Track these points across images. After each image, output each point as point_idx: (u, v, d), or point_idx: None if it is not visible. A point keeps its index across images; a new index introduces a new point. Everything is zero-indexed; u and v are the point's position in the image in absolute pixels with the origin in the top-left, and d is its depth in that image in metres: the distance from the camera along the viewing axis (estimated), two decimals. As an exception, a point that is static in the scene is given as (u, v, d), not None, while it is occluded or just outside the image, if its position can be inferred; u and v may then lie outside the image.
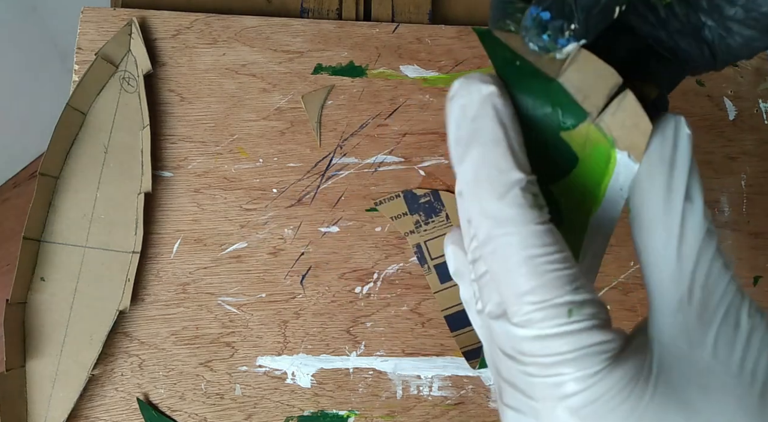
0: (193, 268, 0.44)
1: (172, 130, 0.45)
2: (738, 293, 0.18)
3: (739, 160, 0.48)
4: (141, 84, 0.44)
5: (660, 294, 0.18)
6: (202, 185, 0.45)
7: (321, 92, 0.46)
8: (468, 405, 0.44)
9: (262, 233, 0.44)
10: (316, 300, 0.44)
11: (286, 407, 0.43)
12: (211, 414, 0.42)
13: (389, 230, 0.45)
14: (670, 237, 0.18)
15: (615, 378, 0.16)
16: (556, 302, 0.16)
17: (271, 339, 0.43)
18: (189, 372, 0.43)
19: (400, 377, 0.44)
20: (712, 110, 0.49)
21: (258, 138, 0.45)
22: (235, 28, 0.46)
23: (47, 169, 0.42)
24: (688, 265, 0.18)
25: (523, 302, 0.17)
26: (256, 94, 0.46)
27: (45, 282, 0.42)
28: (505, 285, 0.17)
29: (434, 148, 0.46)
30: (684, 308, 0.17)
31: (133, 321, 0.43)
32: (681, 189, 0.18)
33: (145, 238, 0.43)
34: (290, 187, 0.45)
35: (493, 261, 0.17)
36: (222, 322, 0.43)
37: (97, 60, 0.43)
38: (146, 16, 0.46)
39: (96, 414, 0.42)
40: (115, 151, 0.44)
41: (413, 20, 0.49)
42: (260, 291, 0.44)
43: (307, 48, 0.47)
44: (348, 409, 0.43)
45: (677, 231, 0.18)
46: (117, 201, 0.43)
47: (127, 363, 0.42)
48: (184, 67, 0.46)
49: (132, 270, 0.42)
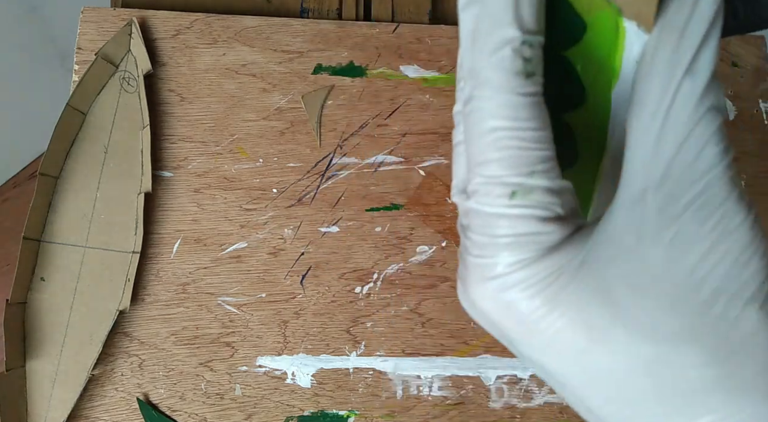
0: (193, 268, 0.44)
1: (172, 130, 0.45)
2: (727, 185, 0.16)
3: (739, 160, 0.48)
4: (141, 84, 0.44)
5: (626, 182, 0.16)
6: (202, 185, 0.45)
7: (321, 92, 0.46)
8: (468, 405, 0.44)
9: (262, 233, 0.44)
10: (316, 300, 0.44)
11: (286, 407, 0.43)
12: (211, 414, 0.42)
13: (389, 230, 0.45)
14: (656, 113, 0.15)
15: (539, 267, 0.16)
16: (503, 181, 0.16)
17: (271, 339, 0.43)
18: (189, 372, 0.43)
19: (400, 377, 0.44)
20: (712, 110, 0.49)
21: (258, 138, 0.45)
22: (235, 28, 0.46)
23: (47, 169, 0.42)
24: (667, 149, 0.15)
25: (477, 172, 0.16)
26: (256, 94, 0.46)
27: (45, 282, 0.42)
28: (469, 151, 0.16)
29: (434, 148, 0.46)
30: (647, 199, 0.15)
31: (133, 321, 0.43)
32: (685, 60, 0.15)
33: (145, 238, 0.43)
34: (290, 187, 0.45)
35: (467, 123, 0.16)
36: (222, 322, 0.43)
37: (97, 60, 0.43)
38: (146, 16, 0.46)
39: (96, 414, 0.42)
40: (115, 151, 0.44)
41: (413, 20, 0.49)
42: (260, 291, 0.44)
43: (307, 48, 0.47)
44: (348, 409, 0.43)
45: (665, 107, 0.15)
46: (117, 201, 0.43)
47: (127, 363, 0.42)
48: (184, 67, 0.46)
49: (132, 270, 0.42)
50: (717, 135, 0.15)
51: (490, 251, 0.16)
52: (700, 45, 0.15)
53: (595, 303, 0.15)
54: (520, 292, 0.16)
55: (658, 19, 0.16)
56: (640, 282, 0.15)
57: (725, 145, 0.15)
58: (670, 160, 0.15)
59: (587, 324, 0.15)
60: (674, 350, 0.15)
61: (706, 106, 0.15)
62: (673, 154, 0.15)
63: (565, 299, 0.15)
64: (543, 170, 0.15)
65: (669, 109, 0.15)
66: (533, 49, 0.16)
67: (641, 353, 0.15)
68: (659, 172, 0.15)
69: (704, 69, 0.15)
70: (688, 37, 0.15)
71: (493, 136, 0.15)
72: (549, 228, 0.16)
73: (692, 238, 0.15)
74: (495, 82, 0.15)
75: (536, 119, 0.15)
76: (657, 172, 0.15)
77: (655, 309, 0.15)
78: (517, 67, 0.15)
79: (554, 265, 0.16)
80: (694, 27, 0.15)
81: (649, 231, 0.15)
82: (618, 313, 0.15)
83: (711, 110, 0.15)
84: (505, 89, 0.15)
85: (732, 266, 0.15)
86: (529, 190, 0.15)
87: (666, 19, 0.15)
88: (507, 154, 0.15)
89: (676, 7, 0.15)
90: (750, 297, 0.15)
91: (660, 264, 0.15)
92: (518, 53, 0.15)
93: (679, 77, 0.15)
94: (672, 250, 0.15)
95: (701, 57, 0.15)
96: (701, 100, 0.15)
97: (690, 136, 0.15)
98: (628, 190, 0.16)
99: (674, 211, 0.15)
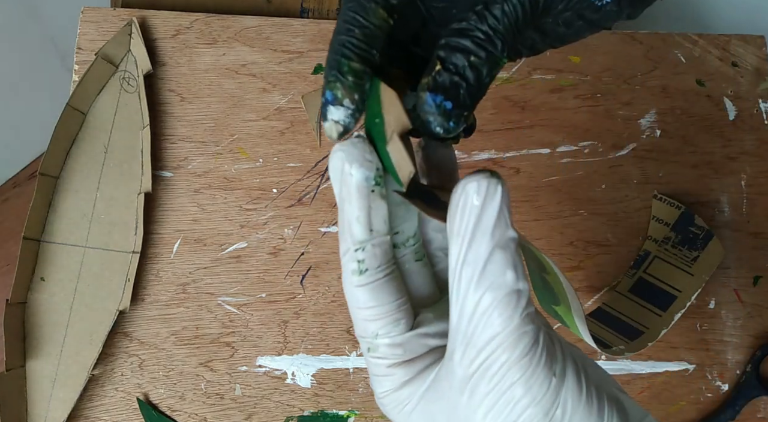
0: (193, 268, 0.44)
1: (172, 130, 0.45)
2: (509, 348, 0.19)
3: (739, 160, 0.48)
4: (141, 84, 0.44)
5: (449, 339, 0.21)
6: (202, 185, 0.45)
7: (321, 92, 0.46)
8: (468, 405, 0.44)
9: (262, 233, 0.44)
10: (316, 300, 0.44)
11: (286, 407, 0.43)
12: (211, 414, 0.42)
13: (389, 230, 0.45)
14: (453, 297, 0.20)
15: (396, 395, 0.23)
16: (362, 339, 0.23)
17: (271, 339, 0.43)
18: (189, 372, 0.43)
19: (400, 377, 0.44)
20: (712, 110, 0.49)
21: (258, 138, 0.45)
22: (235, 28, 0.46)
23: (47, 169, 0.42)
24: (463, 324, 0.20)
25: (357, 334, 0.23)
26: (256, 94, 0.46)
27: (45, 282, 0.42)
28: None
29: (434, 148, 0.46)
30: (454, 358, 0.20)
31: (133, 321, 0.43)
32: (461, 254, 0.19)
33: (145, 238, 0.43)
34: (290, 187, 0.45)
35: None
36: (222, 322, 0.43)
37: (97, 60, 0.43)
38: (146, 16, 0.46)
39: (96, 414, 0.42)
40: (115, 151, 0.44)
41: (413, 20, 0.49)
42: (260, 291, 0.44)
43: (307, 48, 0.47)
44: (348, 409, 0.43)
45: (454, 292, 0.20)
46: (117, 201, 0.43)
47: (127, 363, 0.42)
48: (184, 67, 0.46)
49: (132, 270, 0.42)
50: (499, 307, 0.19)
51: (372, 380, 0.23)
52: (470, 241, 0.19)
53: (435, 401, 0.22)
54: (392, 410, 0.23)
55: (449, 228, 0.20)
56: (452, 417, 0.21)
57: (509, 313, 0.19)
58: (465, 332, 0.20)
59: None
60: None
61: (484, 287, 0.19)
62: (465, 327, 0.20)
63: (414, 419, 0.23)
64: (384, 333, 0.22)
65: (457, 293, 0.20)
66: (365, 252, 0.21)
67: None
68: (460, 338, 0.20)
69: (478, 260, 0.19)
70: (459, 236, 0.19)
71: (353, 311, 0.22)
72: (395, 371, 0.22)
73: (483, 394, 0.20)
74: (346, 277, 0.22)
75: (372, 300, 0.22)
76: (459, 338, 0.20)
77: (447, 408, 0.21)
78: (352, 267, 0.22)
79: (405, 395, 0.22)
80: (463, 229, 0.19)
81: (455, 383, 0.20)
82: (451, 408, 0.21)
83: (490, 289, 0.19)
84: (347, 283, 0.22)
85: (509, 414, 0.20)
86: (375, 347, 0.22)
87: (448, 221, 0.20)
88: (359, 323, 0.22)
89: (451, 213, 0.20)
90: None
91: (464, 406, 0.20)
92: (352, 259, 0.22)
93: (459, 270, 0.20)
94: (471, 401, 0.20)
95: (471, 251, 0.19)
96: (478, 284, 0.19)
97: (474, 313, 0.19)
98: (449, 345, 0.21)
99: (470, 371, 0.20)
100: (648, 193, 0.47)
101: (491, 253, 0.19)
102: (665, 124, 0.48)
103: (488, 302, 0.19)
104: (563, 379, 0.20)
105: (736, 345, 0.45)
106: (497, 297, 0.19)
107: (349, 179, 0.21)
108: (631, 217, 0.47)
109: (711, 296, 0.46)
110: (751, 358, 0.45)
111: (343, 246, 0.22)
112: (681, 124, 0.48)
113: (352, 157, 0.21)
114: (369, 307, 0.22)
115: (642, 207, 0.47)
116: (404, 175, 0.21)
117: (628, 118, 0.48)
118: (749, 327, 0.46)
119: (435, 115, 0.20)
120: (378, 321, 0.22)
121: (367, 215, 0.21)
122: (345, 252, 0.22)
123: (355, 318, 0.22)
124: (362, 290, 0.22)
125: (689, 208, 0.46)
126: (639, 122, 0.48)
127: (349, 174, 0.21)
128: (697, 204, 0.47)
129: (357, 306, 0.22)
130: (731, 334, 0.46)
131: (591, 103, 0.48)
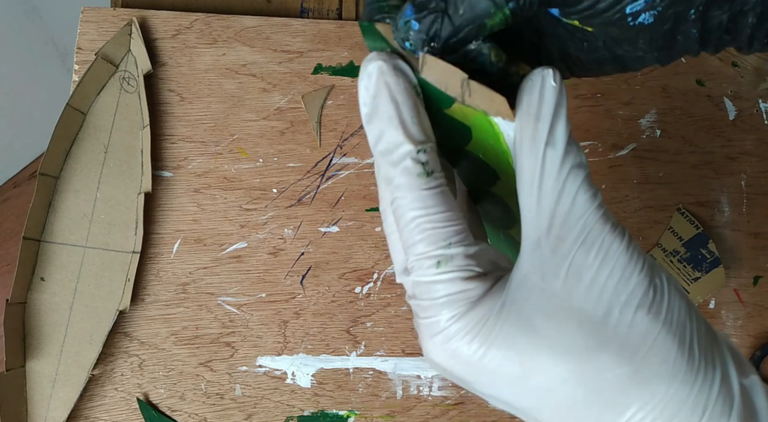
0: (193, 268, 0.44)
1: (172, 130, 0.45)
2: (600, 221, 0.19)
3: (739, 160, 0.48)
4: (141, 84, 0.44)
5: (525, 234, 0.20)
6: (202, 185, 0.45)
7: (321, 92, 0.46)
8: (468, 405, 0.44)
9: (262, 233, 0.44)
10: (316, 300, 0.44)
11: (286, 407, 0.43)
12: (211, 414, 0.42)
13: (389, 230, 0.45)
14: (533, 181, 0.19)
15: (470, 317, 0.19)
16: (430, 254, 0.20)
17: (271, 339, 0.43)
18: (189, 372, 0.43)
19: (400, 377, 0.44)
20: (712, 110, 0.49)
21: (258, 138, 0.45)
22: (235, 28, 0.46)
23: (47, 169, 0.42)
24: (547, 204, 0.19)
25: (410, 252, 0.20)
26: (256, 94, 0.46)
27: (45, 282, 0.42)
28: (401, 238, 0.21)
29: (434, 148, 0.46)
30: (541, 245, 0.19)
31: (133, 321, 0.43)
32: (542, 136, 0.19)
33: (145, 238, 0.43)
34: (290, 187, 0.45)
35: (395, 217, 0.21)
36: (222, 322, 0.43)
37: (97, 60, 0.43)
38: (146, 16, 0.46)
39: (96, 414, 0.42)
40: (115, 151, 0.44)
41: (413, 20, 0.49)
42: (260, 291, 0.44)
43: (307, 48, 0.47)
44: (348, 409, 0.43)
45: (538, 175, 0.19)
46: (117, 201, 0.43)
47: (127, 363, 0.42)
48: (184, 67, 0.46)
49: (132, 270, 0.42)
50: (584, 185, 0.19)
51: (432, 312, 0.20)
52: (552, 122, 0.19)
53: (520, 335, 0.19)
54: (460, 340, 0.19)
55: (517, 111, 0.20)
56: (551, 311, 0.19)
57: (593, 192, 0.19)
58: (551, 212, 0.19)
59: (518, 354, 0.19)
60: (589, 359, 0.18)
61: (569, 166, 0.19)
62: (553, 207, 0.19)
63: (496, 338, 0.19)
64: (457, 241, 0.20)
65: (541, 175, 0.19)
66: (427, 154, 0.20)
67: (566, 368, 0.19)
68: (545, 223, 0.19)
69: (560, 139, 0.19)
70: (542, 119, 0.19)
71: (414, 223, 0.20)
72: (472, 285, 0.20)
73: (582, 268, 0.19)
74: (405, 185, 0.20)
75: (442, 204, 0.20)
76: (544, 222, 0.19)
77: (567, 330, 0.19)
78: (418, 170, 0.20)
79: (482, 312, 0.19)
80: (545, 110, 0.19)
81: (548, 269, 0.19)
82: (539, 340, 0.19)
83: (574, 168, 0.19)
84: (413, 188, 0.20)
85: (618, 283, 0.19)
86: (450, 257, 0.20)
87: (522, 110, 0.20)
88: (427, 234, 0.20)
89: (527, 98, 0.20)
90: (638, 305, 0.19)
91: (562, 293, 0.19)
92: (416, 160, 0.20)
93: (542, 150, 0.19)
94: (568, 280, 0.19)
95: (555, 130, 0.19)
96: (563, 163, 0.19)
97: (562, 191, 0.19)
98: (527, 240, 0.20)
99: (563, 250, 0.19)
100: (648, 192, 0.47)
101: (570, 134, 0.19)
102: (665, 124, 0.48)
103: (577, 181, 0.19)
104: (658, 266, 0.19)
105: (736, 345, 0.45)
106: (580, 175, 0.19)
107: (398, 82, 0.20)
108: (630, 217, 0.47)
109: (711, 296, 0.46)
110: (750, 358, 0.45)
111: (396, 154, 0.20)
112: (681, 123, 0.49)
113: (397, 63, 0.21)
114: (441, 212, 0.20)
115: (642, 207, 0.47)
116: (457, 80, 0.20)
117: (628, 118, 0.48)
118: (749, 327, 0.46)
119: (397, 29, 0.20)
120: (451, 228, 0.20)
121: (420, 118, 0.21)
122: (402, 157, 0.20)
123: (418, 230, 0.20)
124: (432, 193, 0.20)
125: (705, 231, 0.46)
126: (639, 122, 0.48)
127: (395, 78, 0.20)
128: (697, 204, 0.47)
129: (427, 213, 0.20)
130: (731, 334, 0.46)
131: (591, 102, 0.48)
